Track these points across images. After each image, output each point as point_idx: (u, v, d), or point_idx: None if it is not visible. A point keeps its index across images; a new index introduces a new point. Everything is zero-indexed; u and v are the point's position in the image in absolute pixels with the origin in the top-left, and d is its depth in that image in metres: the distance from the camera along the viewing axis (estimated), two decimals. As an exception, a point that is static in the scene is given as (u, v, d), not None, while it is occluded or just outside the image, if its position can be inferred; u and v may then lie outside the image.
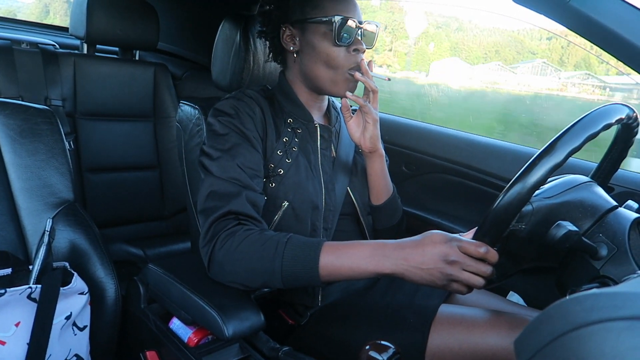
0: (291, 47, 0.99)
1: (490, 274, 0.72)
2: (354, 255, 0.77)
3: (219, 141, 0.91)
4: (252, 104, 0.96)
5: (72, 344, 0.89)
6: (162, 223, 1.84)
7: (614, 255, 0.69)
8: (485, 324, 0.85)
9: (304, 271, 0.78)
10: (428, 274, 0.73)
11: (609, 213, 0.74)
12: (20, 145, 0.96)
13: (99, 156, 1.68)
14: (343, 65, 0.94)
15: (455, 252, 0.71)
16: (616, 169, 0.92)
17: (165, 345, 0.91)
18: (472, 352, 0.83)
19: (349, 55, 0.94)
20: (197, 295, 0.84)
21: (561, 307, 0.32)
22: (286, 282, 0.80)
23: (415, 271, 0.73)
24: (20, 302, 0.81)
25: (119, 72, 1.72)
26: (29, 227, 0.95)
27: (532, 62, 10.29)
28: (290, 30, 0.98)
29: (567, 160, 0.66)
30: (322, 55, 0.94)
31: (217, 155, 0.90)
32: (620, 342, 0.27)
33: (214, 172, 0.88)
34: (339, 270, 0.78)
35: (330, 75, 0.95)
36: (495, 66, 10.05)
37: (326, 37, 0.93)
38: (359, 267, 0.77)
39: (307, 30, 0.95)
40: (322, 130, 1.02)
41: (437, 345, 0.85)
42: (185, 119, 1.12)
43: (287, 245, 0.79)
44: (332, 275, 0.78)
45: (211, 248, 0.83)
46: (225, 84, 1.13)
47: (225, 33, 1.12)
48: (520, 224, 0.76)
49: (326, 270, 0.78)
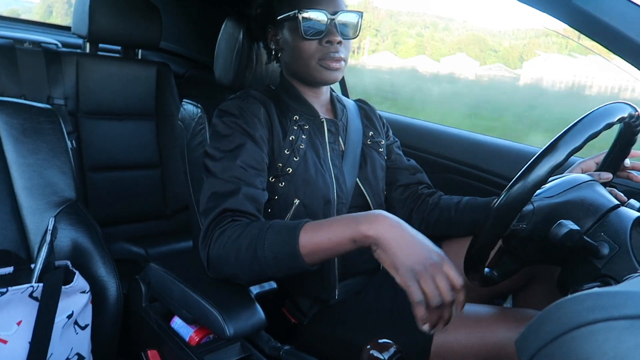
0: (273, 46, 1.02)
1: (447, 317, 0.69)
2: (333, 225, 0.75)
3: (223, 142, 0.91)
4: (256, 104, 0.96)
5: (74, 343, 0.90)
6: (163, 222, 1.84)
7: (615, 254, 0.68)
8: (493, 318, 0.86)
9: (285, 253, 0.76)
10: (412, 252, 0.68)
11: (610, 212, 0.74)
12: (23, 144, 0.96)
13: (101, 155, 1.69)
14: (315, 57, 0.95)
15: (443, 258, 0.69)
16: (619, 167, 0.92)
17: (166, 344, 0.91)
18: (480, 346, 0.83)
19: (321, 47, 0.94)
20: (199, 294, 0.84)
21: (562, 306, 0.32)
22: (270, 267, 0.77)
23: (398, 242, 0.69)
24: (22, 300, 0.81)
25: (121, 71, 1.72)
26: (31, 225, 0.95)
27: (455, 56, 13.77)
28: (273, 30, 1.01)
29: (568, 159, 0.66)
30: (295, 50, 0.96)
31: (219, 156, 0.90)
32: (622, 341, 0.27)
33: (216, 173, 0.89)
34: (319, 245, 0.74)
35: (305, 68, 0.97)
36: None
37: (296, 33, 0.94)
38: (336, 236, 0.73)
39: (283, 27, 0.98)
40: (328, 125, 1.03)
41: (444, 341, 0.85)
42: (188, 118, 1.12)
43: (268, 230, 0.78)
44: (315, 252, 0.75)
45: (207, 248, 0.83)
46: (228, 82, 1.13)
47: (227, 32, 1.12)
48: (521, 224, 0.76)
49: (307, 249, 0.75)
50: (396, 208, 1.17)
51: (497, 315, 0.86)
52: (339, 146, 1.04)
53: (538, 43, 13.56)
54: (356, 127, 1.10)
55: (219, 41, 1.14)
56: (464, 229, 1.06)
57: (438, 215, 1.10)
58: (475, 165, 1.40)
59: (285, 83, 1.04)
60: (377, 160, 1.10)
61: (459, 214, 1.07)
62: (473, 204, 1.06)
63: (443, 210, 1.09)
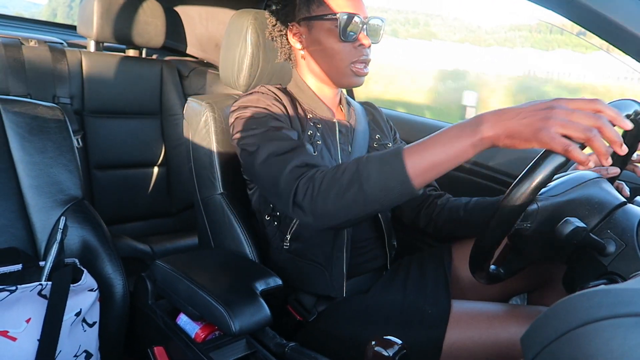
0: (298, 45, 1.02)
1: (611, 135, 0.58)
2: (439, 141, 0.69)
3: (256, 125, 0.90)
4: (276, 98, 0.98)
5: (82, 340, 0.90)
6: (169, 220, 1.85)
7: (622, 252, 0.68)
8: (506, 315, 0.85)
9: (395, 180, 0.71)
10: (526, 121, 0.62)
11: (617, 209, 0.74)
12: (29, 142, 0.97)
13: (107, 153, 1.69)
14: (348, 59, 0.97)
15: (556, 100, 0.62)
16: (627, 162, 0.91)
17: (172, 341, 0.91)
18: (493, 343, 0.83)
19: (354, 50, 0.96)
20: (204, 291, 0.84)
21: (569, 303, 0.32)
22: (377, 200, 0.73)
23: (511, 123, 0.63)
24: (31, 298, 0.82)
25: (126, 70, 1.73)
26: (38, 224, 0.95)
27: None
28: (297, 28, 1.00)
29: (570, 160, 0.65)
30: (328, 51, 0.97)
31: (259, 133, 0.88)
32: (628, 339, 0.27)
33: (264, 144, 0.86)
34: (433, 163, 0.69)
35: (335, 69, 0.98)
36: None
37: (332, 34, 0.95)
38: (453, 148, 0.68)
39: (314, 27, 0.97)
40: (340, 126, 1.04)
41: (456, 339, 0.84)
42: (193, 116, 1.12)
43: (368, 163, 0.74)
44: (427, 172, 0.70)
45: (293, 202, 0.79)
46: (234, 80, 1.13)
47: (233, 30, 1.12)
48: (525, 223, 0.75)
49: (417, 171, 0.70)
50: (404, 210, 1.16)
51: (509, 312, 0.86)
52: (348, 147, 1.04)
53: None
54: (363, 129, 1.10)
55: (225, 39, 1.14)
56: (473, 229, 1.05)
57: (447, 216, 1.09)
58: (478, 162, 1.40)
59: (299, 82, 1.05)
60: None
61: (468, 214, 1.06)
62: (482, 204, 1.06)
63: (452, 211, 1.09)
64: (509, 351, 0.82)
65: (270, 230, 1.03)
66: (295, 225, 0.98)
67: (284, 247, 1.01)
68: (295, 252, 1.00)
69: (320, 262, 0.99)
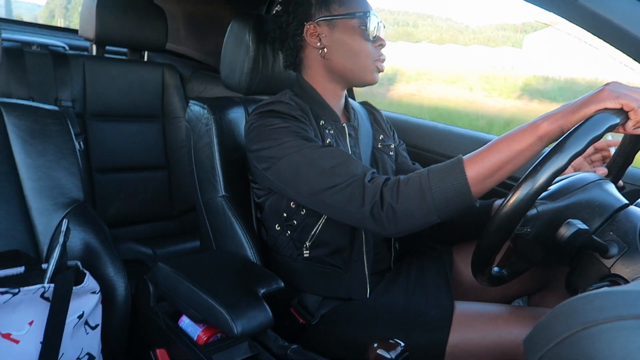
0: (318, 44, 0.99)
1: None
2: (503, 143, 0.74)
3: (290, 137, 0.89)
4: (297, 109, 0.96)
5: (84, 343, 0.90)
6: (171, 222, 1.85)
7: (624, 254, 0.68)
8: (509, 317, 0.85)
9: (456, 191, 0.75)
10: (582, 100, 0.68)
11: (619, 211, 0.73)
12: (31, 145, 0.97)
13: (108, 156, 1.70)
14: (372, 57, 0.98)
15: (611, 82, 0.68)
16: (627, 166, 0.91)
17: (174, 343, 0.91)
18: (496, 345, 0.83)
19: (374, 49, 0.98)
20: (206, 294, 0.84)
21: (571, 305, 0.32)
22: (440, 210, 0.77)
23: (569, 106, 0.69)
24: (34, 301, 0.82)
25: (127, 73, 1.73)
26: (40, 226, 0.96)
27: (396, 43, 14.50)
28: (315, 27, 0.99)
29: (570, 163, 0.65)
30: (353, 50, 0.97)
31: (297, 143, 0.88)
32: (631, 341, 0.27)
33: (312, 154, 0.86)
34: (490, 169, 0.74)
35: (359, 67, 0.99)
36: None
37: (356, 32, 0.97)
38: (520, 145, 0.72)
39: (336, 26, 0.97)
40: (349, 129, 1.04)
41: (458, 341, 0.84)
42: (195, 119, 1.12)
43: (430, 175, 0.77)
44: (491, 176, 0.74)
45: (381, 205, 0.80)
46: (234, 83, 1.14)
47: (234, 33, 1.12)
48: (525, 228, 0.75)
49: (478, 179, 0.74)
50: None
51: (513, 314, 0.86)
52: (358, 149, 1.04)
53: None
54: (366, 131, 1.10)
55: (225, 42, 1.15)
56: (468, 232, 1.06)
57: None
58: None
59: (307, 87, 1.03)
60: (387, 163, 1.10)
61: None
62: (481, 206, 1.06)
63: None
64: (512, 353, 0.81)
65: (282, 240, 1.02)
66: (317, 233, 0.98)
67: (304, 255, 1.00)
68: (315, 259, 1.00)
69: (340, 266, 1.00)
